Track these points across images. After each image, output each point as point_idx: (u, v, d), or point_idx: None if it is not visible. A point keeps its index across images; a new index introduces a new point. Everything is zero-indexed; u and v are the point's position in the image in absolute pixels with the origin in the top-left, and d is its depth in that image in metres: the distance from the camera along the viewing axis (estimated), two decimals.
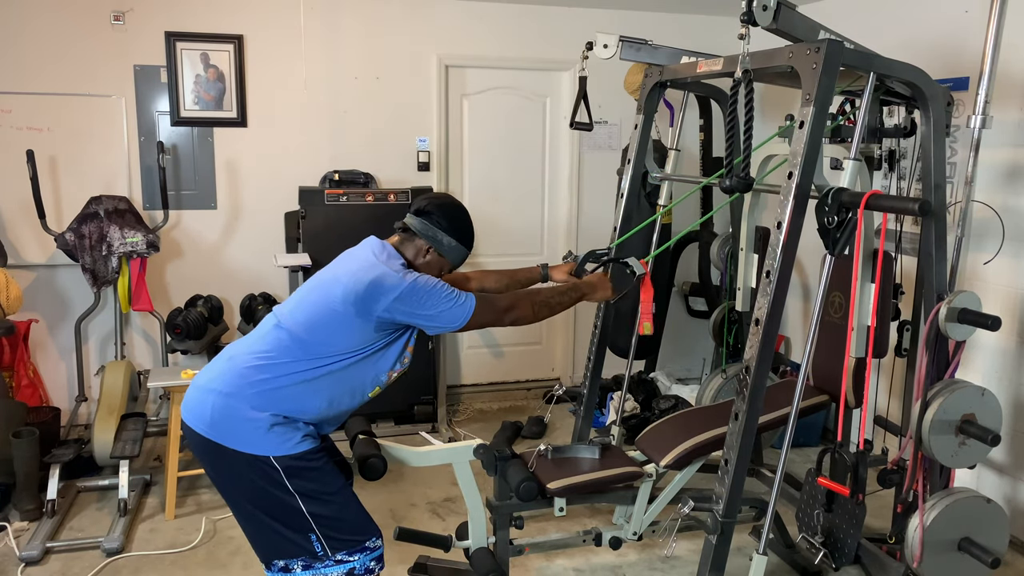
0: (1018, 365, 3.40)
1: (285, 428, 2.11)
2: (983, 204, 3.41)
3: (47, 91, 4.30)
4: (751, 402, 2.40)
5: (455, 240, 2.30)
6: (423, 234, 2.28)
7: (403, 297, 2.11)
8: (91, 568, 3.16)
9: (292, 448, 2.10)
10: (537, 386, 5.37)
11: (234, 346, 2.25)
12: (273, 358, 2.13)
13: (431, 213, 2.29)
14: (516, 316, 2.36)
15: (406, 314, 2.14)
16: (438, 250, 2.29)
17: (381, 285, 2.11)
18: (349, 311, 2.12)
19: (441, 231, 2.28)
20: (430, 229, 2.27)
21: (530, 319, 2.41)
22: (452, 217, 2.31)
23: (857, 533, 2.64)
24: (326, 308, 2.14)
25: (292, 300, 2.25)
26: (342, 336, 2.14)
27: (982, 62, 2.87)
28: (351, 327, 2.13)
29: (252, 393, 2.10)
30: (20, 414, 3.74)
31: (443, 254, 2.30)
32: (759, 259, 3.05)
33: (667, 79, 3.26)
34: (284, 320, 2.19)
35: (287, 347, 2.14)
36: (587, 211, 5.23)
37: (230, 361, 2.18)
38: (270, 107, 4.62)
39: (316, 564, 2.14)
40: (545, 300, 2.45)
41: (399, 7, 4.74)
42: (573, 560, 3.27)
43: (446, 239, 2.29)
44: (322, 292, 2.18)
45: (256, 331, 2.25)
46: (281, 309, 2.24)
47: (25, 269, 4.38)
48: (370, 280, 2.11)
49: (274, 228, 4.68)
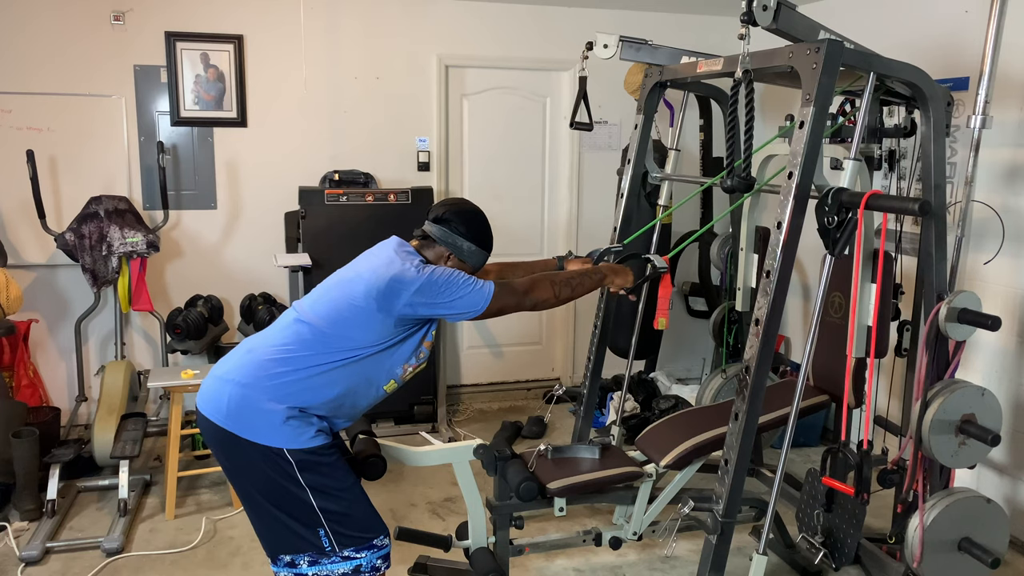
0: (1018, 365, 3.40)
1: (300, 422, 2.13)
2: (983, 204, 3.41)
3: (47, 91, 4.30)
4: (751, 402, 2.40)
5: (475, 245, 2.33)
6: (443, 241, 2.30)
7: (422, 290, 2.14)
8: (91, 568, 3.16)
9: (306, 442, 2.12)
10: (537, 386, 5.37)
11: (253, 339, 2.28)
12: (293, 351, 2.16)
13: (450, 220, 2.31)
14: (537, 298, 2.36)
15: (427, 306, 2.17)
16: (458, 256, 2.32)
17: (402, 280, 2.14)
18: (371, 306, 2.15)
19: (460, 237, 2.30)
20: (450, 236, 2.30)
21: (552, 301, 2.40)
22: (471, 223, 2.33)
23: (857, 533, 2.64)
24: (348, 303, 2.17)
25: (312, 295, 2.28)
26: (362, 331, 2.16)
27: (982, 62, 2.87)
28: (371, 322, 2.16)
29: (270, 385, 2.13)
30: (20, 414, 3.73)
31: (464, 260, 2.33)
32: (759, 259, 3.05)
33: (667, 79, 3.26)
34: (304, 314, 2.22)
35: (307, 340, 2.17)
36: (587, 211, 5.23)
37: (250, 353, 2.21)
38: (270, 107, 4.62)
39: (323, 560, 2.16)
40: (566, 281, 2.45)
41: (399, 7, 4.74)
42: (573, 560, 3.27)
43: (466, 245, 2.31)
44: (344, 288, 2.21)
45: (275, 325, 2.29)
46: (301, 304, 2.27)
47: (25, 269, 4.38)
48: (391, 276, 2.14)
49: (274, 228, 4.68)
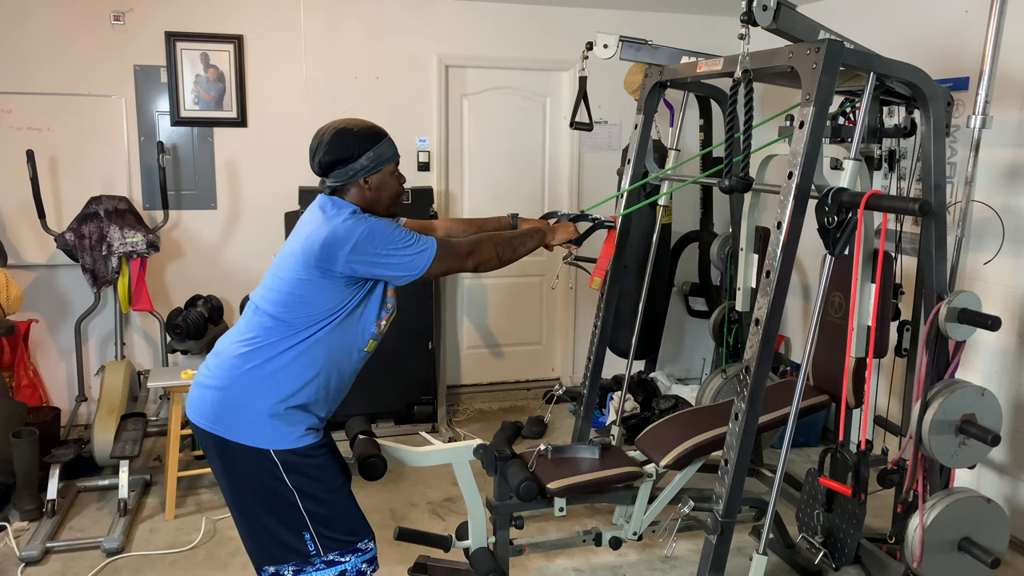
0: (1018, 365, 3.40)
1: (286, 419, 2.09)
2: (983, 204, 3.41)
3: (47, 91, 4.30)
4: (751, 402, 2.40)
5: (369, 150, 2.14)
6: (348, 179, 2.16)
7: (358, 248, 2.05)
8: (91, 568, 3.16)
9: (294, 442, 2.10)
10: (537, 386, 5.37)
11: (221, 340, 2.23)
12: (259, 341, 2.11)
13: (333, 162, 2.14)
14: (479, 259, 2.30)
15: (366, 264, 2.07)
16: (370, 173, 2.16)
17: (334, 241, 2.05)
18: (314, 275, 2.08)
19: (353, 161, 2.13)
20: (347, 172, 2.14)
21: (494, 263, 2.35)
22: (344, 143, 2.13)
23: (857, 533, 2.64)
24: (294, 280, 2.10)
25: (264, 282, 2.22)
26: (318, 301, 2.10)
27: (982, 62, 2.87)
28: (322, 290, 2.09)
29: (247, 382, 2.09)
30: (20, 414, 3.74)
31: (377, 170, 2.17)
32: (759, 259, 3.05)
33: (667, 79, 3.26)
34: (260, 303, 2.16)
35: (270, 327, 2.11)
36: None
37: (218, 356, 2.17)
38: (270, 107, 4.62)
39: (307, 568, 2.13)
40: (507, 241, 2.41)
41: (399, 7, 4.74)
42: (573, 560, 3.27)
43: (363, 160, 2.14)
44: (286, 266, 2.14)
45: (239, 321, 2.23)
46: (256, 293, 2.21)
47: (25, 269, 4.38)
48: (323, 239, 2.06)
49: (274, 228, 4.67)
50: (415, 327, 4.48)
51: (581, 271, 3.16)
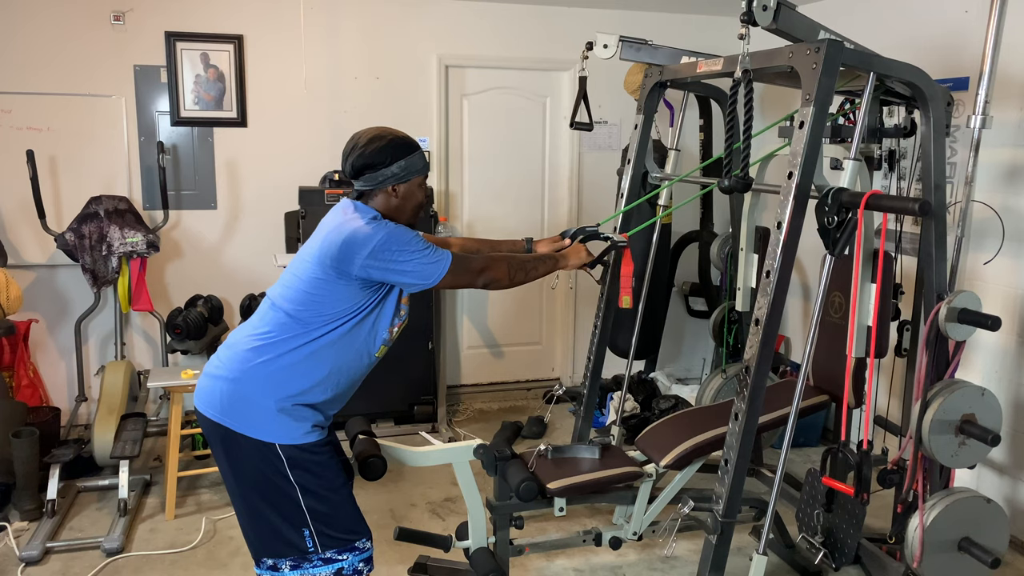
0: (1018, 365, 3.40)
1: (293, 415, 2.11)
2: (983, 204, 3.41)
3: (47, 91, 4.30)
4: (751, 402, 2.40)
5: (402, 159, 2.21)
6: (377, 185, 2.22)
7: (376, 253, 2.08)
8: (91, 568, 3.16)
9: (299, 438, 2.11)
10: (537, 386, 5.37)
11: (235, 333, 2.26)
12: (272, 337, 2.14)
13: (365, 166, 2.21)
14: (490, 277, 2.34)
15: (380, 270, 2.11)
16: (399, 181, 2.22)
17: (353, 243, 2.09)
18: (331, 276, 2.11)
19: (384, 168, 2.20)
20: (377, 177, 2.21)
21: (504, 282, 2.39)
22: (379, 149, 2.20)
23: (857, 533, 2.64)
24: (311, 279, 2.14)
25: (282, 279, 2.25)
26: (332, 302, 2.13)
27: (982, 62, 2.87)
28: (339, 291, 2.12)
29: (258, 375, 2.11)
30: (20, 414, 3.73)
31: (406, 180, 2.24)
32: (759, 259, 3.05)
33: (667, 79, 3.26)
34: (277, 299, 2.19)
35: (284, 324, 2.14)
36: (587, 211, 5.23)
37: (231, 348, 2.20)
38: (270, 107, 4.62)
39: (304, 564, 2.15)
40: (521, 264, 2.44)
41: (399, 7, 4.74)
42: (573, 560, 3.27)
43: (394, 168, 2.20)
44: (306, 265, 2.18)
45: (254, 315, 2.26)
46: (273, 290, 2.24)
47: (25, 269, 4.38)
48: (342, 241, 2.10)
49: (274, 228, 4.68)
50: (415, 327, 4.47)
51: (581, 271, 3.18)
